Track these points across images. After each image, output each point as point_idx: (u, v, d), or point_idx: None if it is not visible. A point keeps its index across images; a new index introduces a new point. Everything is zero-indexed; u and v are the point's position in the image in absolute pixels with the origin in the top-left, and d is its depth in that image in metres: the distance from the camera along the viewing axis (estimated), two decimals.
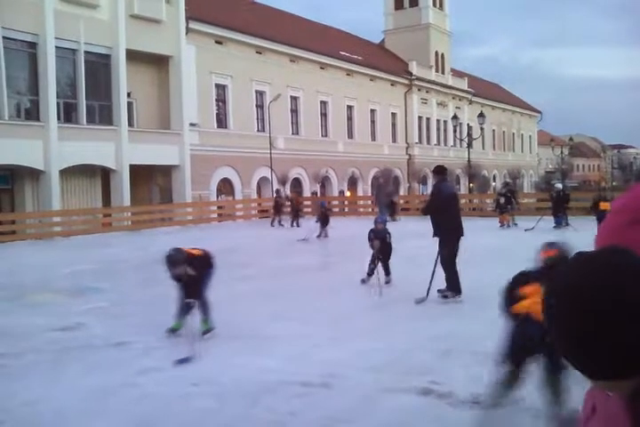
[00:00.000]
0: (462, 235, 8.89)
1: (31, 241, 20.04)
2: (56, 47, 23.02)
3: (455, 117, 39.28)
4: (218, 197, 30.95)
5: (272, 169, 33.03)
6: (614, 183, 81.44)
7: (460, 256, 9.01)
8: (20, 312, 8.45)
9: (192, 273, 6.52)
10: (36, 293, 10.12)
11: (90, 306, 8.66)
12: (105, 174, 25.80)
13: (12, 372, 5.64)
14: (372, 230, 9.88)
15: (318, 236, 18.19)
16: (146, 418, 4.50)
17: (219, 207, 29.82)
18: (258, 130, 33.51)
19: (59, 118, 23.24)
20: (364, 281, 9.84)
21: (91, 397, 4.93)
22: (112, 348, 6.39)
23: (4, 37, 21.58)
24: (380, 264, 9.73)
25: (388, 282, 9.75)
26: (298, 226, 23.05)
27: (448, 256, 8.67)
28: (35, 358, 6.07)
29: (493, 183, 56.36)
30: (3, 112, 21.76)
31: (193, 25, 28.67)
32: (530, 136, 70.82)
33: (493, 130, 60.90)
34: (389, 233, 9.92)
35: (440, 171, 9.10)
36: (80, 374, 5.54)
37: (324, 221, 18.56)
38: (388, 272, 9.86)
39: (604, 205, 17.02)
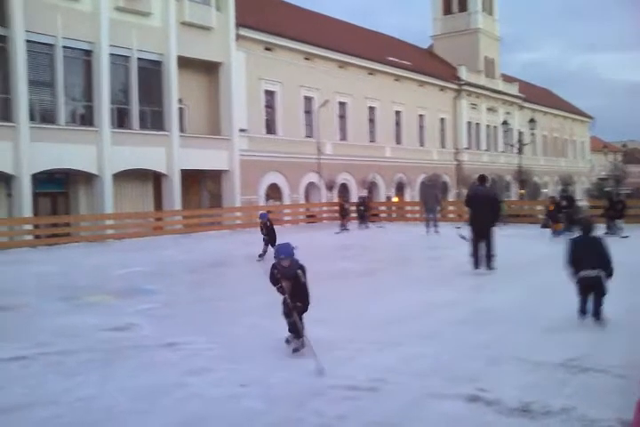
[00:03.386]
0: (478, 228, 11.55)
1: (85, 243, 20.54)
2: (110, 54, 23.64)
3: (505, 123, 38.75)
4: (266, 201, 31.19)
5: (320, 174, 33.18)
6: None
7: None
8: (76, 312, 8.69)
9: None
10: (90, 293, 10.38)
11: (141, 307, 8.84)
12: (156, 179, 26.29)
13: (68, 369, 5.80)
14: (274, 266, 6.18)
15: (261, 255, 14.65)
16: (194, 418, 4.57)
17: (267, 212, 29.97)
18: (306, 136, 33.70)
19: (112, 124, 23.81)
20: (288, 341, 6.38)
21: (141, 396, 5.03)
22: (163, 348, 6.50)
23: (62, 47, 22.30)
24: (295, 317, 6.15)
25: (297, 350, 6.16)
26: (367, 227, 24.88)
27: (471, 241, 11.71)
28: (89, 356, 6.23)
29: (545, 190, 55.41)
30: (59, 118, 22.42)
31: (243, 32, 29.03)
32: (582, 142, 69.42)
33: (544, 136, 59.90)
34: (303, 268, 6.15)
35: (478, 179, 12.53)
36: (131, 373, 5.66)
37: (270, 237, 14.84)
38: (299, 333, 6.15)
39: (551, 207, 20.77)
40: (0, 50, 21.15)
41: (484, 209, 11.58)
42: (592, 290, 7.13)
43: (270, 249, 14.35)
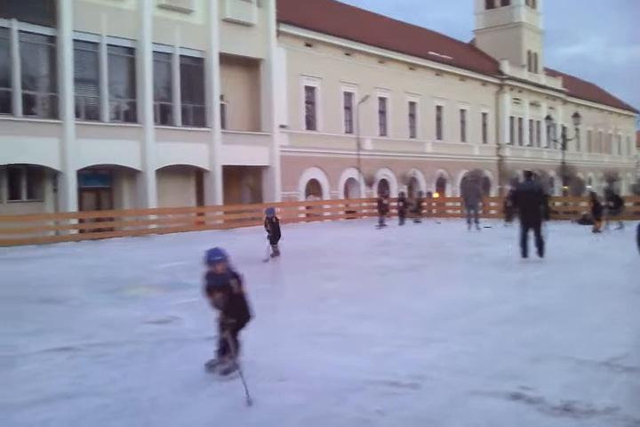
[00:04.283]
0: (527, 220, 12.47)
1: (128, 238, 20.88)
2: (153, 52, 23.99)
3: (548, 118, 38.06)
4: (306, 197, 31.28)
5: (359, 170, 33.11)
6: None
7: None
8: (119, 305, 8.85)
9: None
10: (133, 287, 10.57)
11: (183, 301, 8.95)
12: (198, 174, 26.60)
13: (113, 360, 5.92)
14: (207, 275, 5.40)
15: (273, 255, 14.05)
16: (235, 411, 4.61)
17: (307, 208, 30.13)
18: (346, 131, 33.67)
19: (155, 120, 24.16)
20: (211, 365, 5.42)
21: (183, 387, 5.10)
22: (204, 341, 6.56)
23: (107, 45, 22.71)
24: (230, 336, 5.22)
25: (228, 372, 5.26)
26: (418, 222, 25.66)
27: (520, 231, 12.66)
28: (132, 348, 6.34)
29: (589, 186, 54.37)
30: (103, 115, 22.83)
31: (283, 28, 29.12)
32: (627, 137, 67.86)
33: (589, 131, 58.79)
34: (238, 276, 5.33)
35: (524, 174, 13.53)
36: (173, 365, 5.74)
37: (273, 235, 14.13)
38: (236, 352, 5.25)
39: None
40: (49, 49, 21.65)
41: (531, 202, 12.42)
42: None
43: (266, 247, 13.88)
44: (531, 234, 12.46)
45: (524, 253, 12.49)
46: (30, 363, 5.93)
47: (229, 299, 5.22)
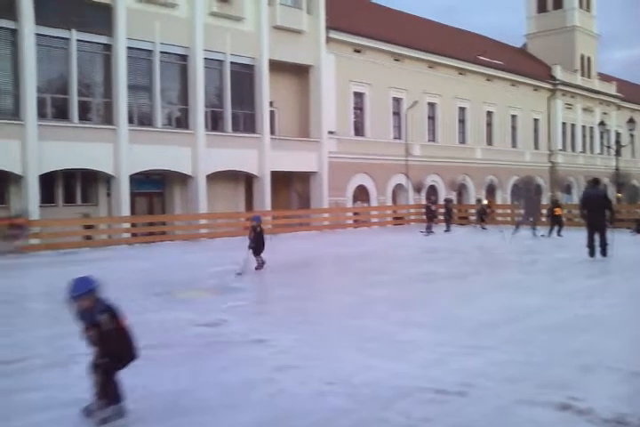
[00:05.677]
0: (593, 223, 13.55)
1: (179, 242, 21.22)
2: (204, 59, 24.34)
3: (602, 124, 37.23)
4: (354, 203, 31.28)
5: (407, 176, 32.96)
6: None
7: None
8: (170, 307, 9.02)
9: None
10: (183, 290, 10.76)
11: (231, 304, 9.08)
12: (248, 180, 26.86)
13: (162, 362, 6.03)
14: (78, 313, 4.69)
15: (257, 268, 13.06)
16: (282, 413, 4.65)
17: (354, 213, 30.12)
18: (394, 137, 33.54)
19: (206, 126, 24.50)
20: (89, 411, 4.54)
21: (231, 390, 5.17)
22: (252, 344, 6.66)
23: (160, 52, 23.19)
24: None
25: (105, 421, 4.41)
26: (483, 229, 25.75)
27: (587, 234, 13.75)
28: (181, 350, 6.46)
29: None
30: (156, 121, 23.29)
31: (332, 34, 29.23)
32: None
33: None
34: (111, 310, 4.62)
35: (589, 181, 14.90)
36: (222, 367, 5.82)
37: (257, 245, 13.04)
38: (114, 397, 4.50)
39: (557, 211, 21.34)
40: (104, 57, 22.22)
41: (598, 207, 13.58)
42: None
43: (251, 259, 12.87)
44: (596, 236, 13.49)
45: (592, 254, 13.55)
46: (85, 362, 6.09)
47: (101, 336, 4.49)
